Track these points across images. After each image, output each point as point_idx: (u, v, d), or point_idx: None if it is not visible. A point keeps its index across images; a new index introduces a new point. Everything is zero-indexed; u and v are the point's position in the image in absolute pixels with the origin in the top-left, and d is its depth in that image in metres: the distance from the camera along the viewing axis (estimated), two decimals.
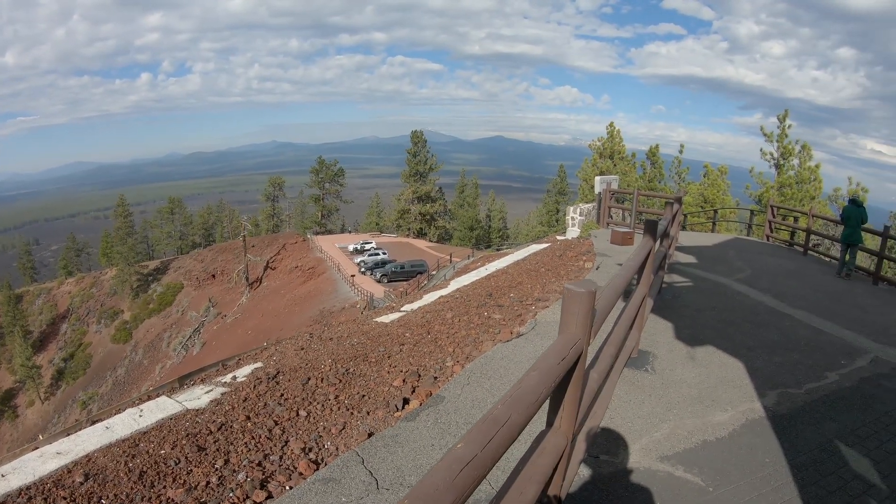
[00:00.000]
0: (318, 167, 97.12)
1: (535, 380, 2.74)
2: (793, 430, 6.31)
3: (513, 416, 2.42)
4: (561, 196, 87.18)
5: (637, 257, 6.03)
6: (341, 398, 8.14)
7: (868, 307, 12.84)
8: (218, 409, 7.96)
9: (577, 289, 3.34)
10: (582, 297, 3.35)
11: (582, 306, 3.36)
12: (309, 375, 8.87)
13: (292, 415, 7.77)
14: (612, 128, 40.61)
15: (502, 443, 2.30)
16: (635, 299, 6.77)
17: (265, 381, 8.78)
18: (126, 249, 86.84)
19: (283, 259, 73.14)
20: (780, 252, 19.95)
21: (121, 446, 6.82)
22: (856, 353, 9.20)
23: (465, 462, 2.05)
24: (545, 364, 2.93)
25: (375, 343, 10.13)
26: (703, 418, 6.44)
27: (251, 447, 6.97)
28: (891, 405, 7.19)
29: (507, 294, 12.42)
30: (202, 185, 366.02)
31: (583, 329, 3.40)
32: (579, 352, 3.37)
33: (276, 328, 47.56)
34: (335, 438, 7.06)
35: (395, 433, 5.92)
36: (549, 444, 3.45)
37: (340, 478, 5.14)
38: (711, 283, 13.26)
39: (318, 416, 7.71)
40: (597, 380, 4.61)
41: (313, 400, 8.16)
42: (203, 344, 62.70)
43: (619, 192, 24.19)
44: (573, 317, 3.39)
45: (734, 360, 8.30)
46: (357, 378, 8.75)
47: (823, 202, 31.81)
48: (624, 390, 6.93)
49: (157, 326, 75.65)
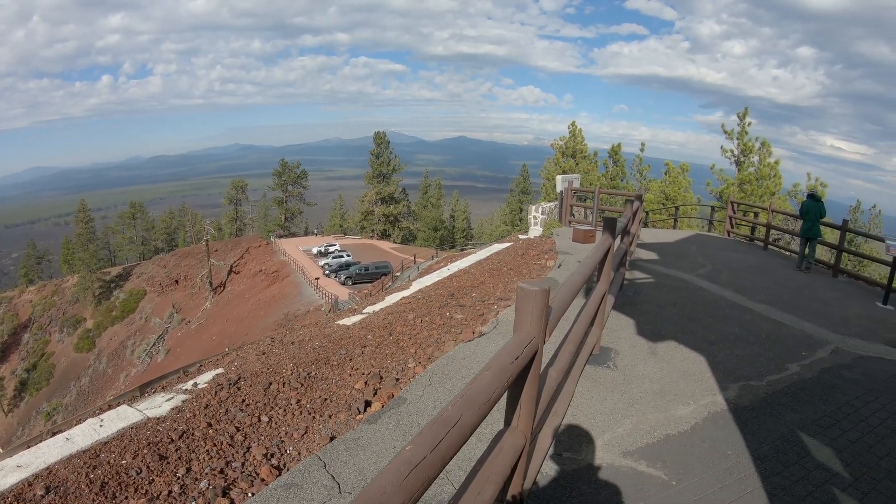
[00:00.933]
0: (281, 169, 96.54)
1: (487, 379, 2.71)
2: (755, 421, 6.37)
3: (464, 416, 2.38)
4: (524, 195, 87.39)
5: (595, 255, 6.02)
6: (303, 402, 8.06)
7: (828, 299, 13.07)
8: (179, 416, 7.82)
9: (531, 287, 3.32)
10: (536, 296, 3.33)
11: (536, 305, 3.34)
12: (270, 380, 8.77)
13: (254, 420, 7.68)
14: (574, 127, 40.92)
15: (453, 444, 2.26)
16: (595, 297, 6.78)
17: (226, 387, 8.66)
18: (88, 256, 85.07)
19: (246, 263, 72.52)
20: (740, 247, 20.20)
21: (82, 457, 6.68)
22: (816, 345, 9.37)
23: (414, 464, 2.01)
24: (498, 363, 2.90)
25: (337, 346, 10.04)
26: (665, 413, 6.47)
27: (213, 454, 6.87)
28: (851, 394, 7.32)
29: (469, 294, 12.40)
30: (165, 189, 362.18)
31: (537, 327, 3.38)
32: (534, 350, 3.34)
33: (241, 333, 47.17)
34: (297, 443, 6.99)
35: (356, 436, 5.86)
36: (507, 443, 3.42)
37: (302, 483, 5.08)
38: (673, 278, 13.37)
39: (280, 421, 7.63)
40: (556, 378, 4.59)
41: (275, 405, 8.07)
42: (167, 351, 61.93)
43: (581, 191, 24.32)
44: (527, 315, 3.38)
45: (696, 355, 8.37)
46: (319, 381, 8.67)
47: (783, 198, 32.23)
48: (586, 387, 6.93)
49: (120, 334, 74.37)
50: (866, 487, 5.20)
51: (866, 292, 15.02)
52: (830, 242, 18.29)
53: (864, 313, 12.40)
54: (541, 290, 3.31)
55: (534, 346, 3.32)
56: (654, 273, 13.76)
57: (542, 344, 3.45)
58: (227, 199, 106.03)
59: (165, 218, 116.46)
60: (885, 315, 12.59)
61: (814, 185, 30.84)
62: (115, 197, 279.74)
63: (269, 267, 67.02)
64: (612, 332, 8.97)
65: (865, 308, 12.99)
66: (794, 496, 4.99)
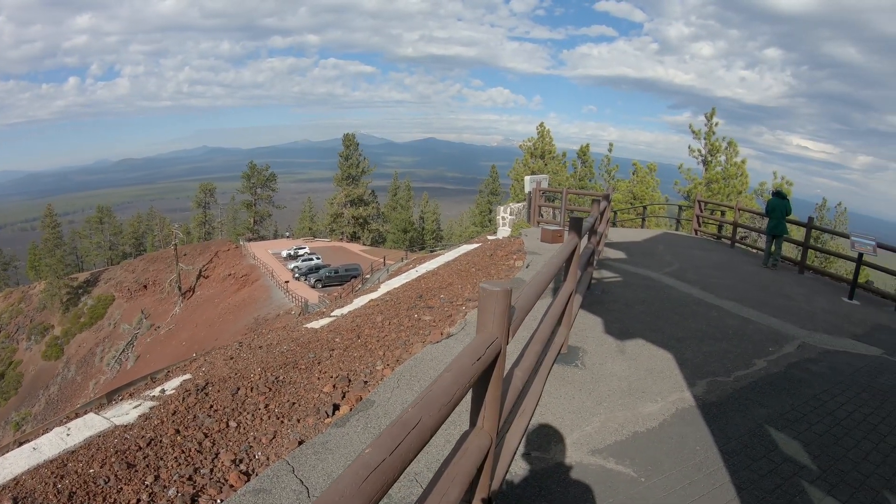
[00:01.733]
0: (250, 172, 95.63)
1: (448, 381, 2.68)
2: (723, 417, 6.41)
3: (423, 418, 2.35)
4: (493, 196, 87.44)
5: (561, 255, 6.01)
6: (271, 407, 7.99)
7: (795, 295, 13.21)
8: (147, 423, 7.74)
9: (493, 288, 3.30)
10: (498, 297, 3.31)
11: (498, 305, 3.32)
12: (238, 385, 8.70)
13: (222, 426, 7.61)
14: (543, 128, 41.11)
15: (412, 447, 2.23)
16: (562, 296, 6.78)
17: (194, 393, 8.58)
18: (55, 262, 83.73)
19: (215, 267, 71.96)
20: (708, 245, 20.37)
21: (49, 467, 6.61)
22: (783, 340, 9.48)
23: (373, 468, 1.98)
24: (459, 365, 2.87)
25: (305, 349, 9.98)
26: (633, 410, 6.49)
27: (181, 461, 6.81)
28: (818, 388, 7.40)
29: (437, 295, 12.37)
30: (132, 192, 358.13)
31: (500, 328, 3.36)
32: (497, 350, 3.32)
33: (211, 338, 46.78)
34: (266, 448, 6.93)
35: (325, 440, 5.81)
36: (473, 444, 3.39)
37: (271, 488, 5.02)
38: (641, 277, 13.43)
39: (249, 427, 7.57)
40: (522, 377, 4.58)
41: (243, 410, 8.00)
42: (137, 357, 61.21)
43: (549, 191, 24.39)
44: (490, 316, 3.35)
45: (664, 352, 8.41)
46: (287, 386, 8.61)
47: (750, 196, 32.60)
48: (554, 386, 6.93)
49: (89, 341, 73.36)
50: (834, 479, 5.26)
51: (832, 288, 15.24)
52: (796, 240, 18.50)
53: (831, 308, 12.56)
54: (503, 290, 3.29)
55: (497, 347, 3.30)
56: (622, 272, 13.81)
57: (505, 344, 3.42)
58: (195, 203, 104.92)
59: (133, 222, 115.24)
60: (850, 310, 12.76)
61: (780, 183, 31.18)
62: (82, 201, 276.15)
63: (239, 271, 66.55)
64: (580, 332, 8.98)
65: (831, 303, 13.17)
66: (763, 490, 5.02)
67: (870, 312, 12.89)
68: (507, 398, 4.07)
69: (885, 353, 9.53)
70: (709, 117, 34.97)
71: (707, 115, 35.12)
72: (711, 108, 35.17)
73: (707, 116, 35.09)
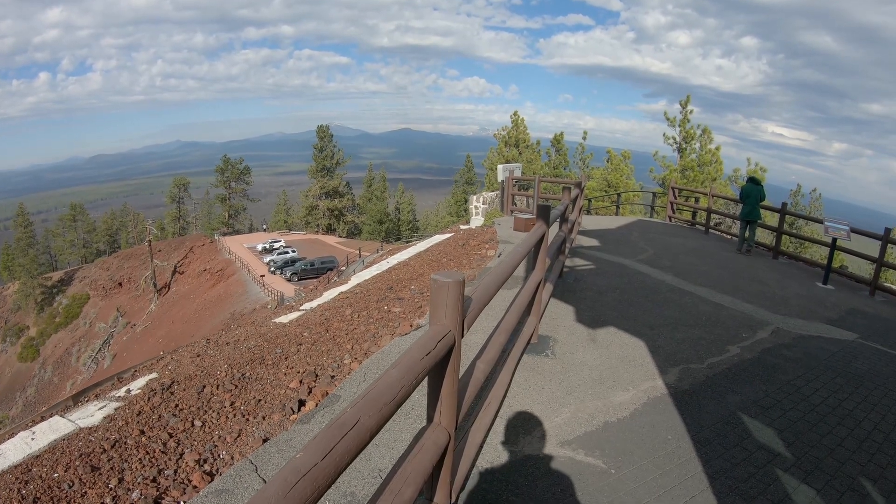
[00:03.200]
0: (224, 166, 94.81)
1: (393, 378, 2.52)
2: (695, 405, 6.32)
3: (363, 419, 2.19)
4: (469, 186, 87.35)
5: (526, 244, 5.87)
6: (237, 404, 7.82)
7: (768, 281, 13.22)
8: (111, 425, 7.55)
9: (444, 279, 3.16)
10: (450, 288, 3.17)
11: (451, 296, 3.18)
12: (204, 383, 8.51)
13: (187, 426, 7.43)
14: (517, 117, 41.11)
15: (349, 449, 2.07)
16: (529, 285, 6.65)
17: (159, 393, 8.38)
18: (28, 261, 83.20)
19: (190, 263, 71.31)
20: (682, 232, 20.38)
21: (13, 472, 6.45)
22: (757, 326, 9.45)
23: (303, 473, 1.83)
24: (407, 360, 2.71)
25: (273, 344, 9.80)
26: (604, 399, 6.36)
27: (146, 463, 6.65)
28: (792, 374, 7.35)
29: (407, 286, 12.23)
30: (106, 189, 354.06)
31: (453, 320, 3.22)
32: (450, 343, 3.17)
33: (188, 334, 46.36)
34: (230, 447, 6.77)
35: (289, 437, 5.67)
36: (429, 440, 3.24)
37: (233, 488, 4.86)
38: (614, 264, 13.34)
39: (214, 425, 7.40)
40: (484, 370, 4.43)
41: (209, 408, 7.83)
42: (114, 356, 60.42)
43: (523, 180, 24.30)
44: (442, 308, 3.22)
45: (636, 340, 8.31)
46: (253, 382, 8.43)
47: (724, 183, 32.77)
48: (523, 377, 6.79)
49: (65, 341, 72.47)
50: (809, 466, 5.18)
51: (806, 273, 15.29)
52: (770, 225, 18.54)
53: (805, 293, 12.60)
54: (454, 281, 3.16)
55: (450, 340, 3.15)
56: (595, 259, 13.72)
57: (459, 336, 3.28)
58: (169, 198, 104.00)
59: (107, 219, 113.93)
60: (824, 295, 12.79)
61: (754, 169, 31.32)
62: (54, 199, 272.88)
63: (214, 266, 66.03)
64: (551, 320, 8.86)
65: (805, 288, 13.22)
66: (736, 479, 4.93)
67: (844, 297, 12.94)
68: (467, 392, 3.93)
69: (859, 337, 9.55)
70: (683, 105, 35.01)
71: (682, 103, 35.17)
72: (686, 96, 35.23)
73: (682, 104, 35.13)
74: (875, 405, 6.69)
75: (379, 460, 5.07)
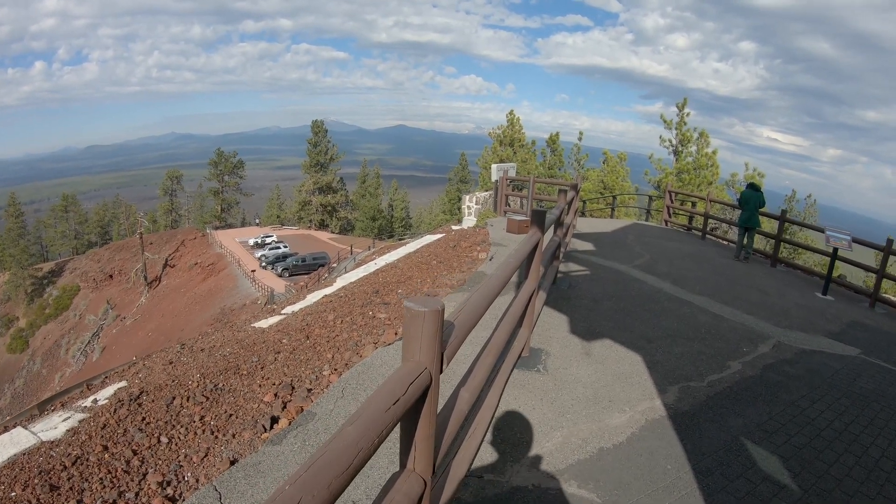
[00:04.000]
0: (217, 159, 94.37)
1: (349, 439, 2.00)
2: (696, 429, 5.91)
3: (305, 499, 1.71)
4: (463, 184, 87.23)
5: (519, 253, 5.45)
6: (207, 419, 7.34)
7: (768, 289, 12.99)
8: (74, 439, 7.06)
9: (419, 307, 2.66)
10: (425, 319, 2.68)
11: (426, 329, 2.69)
12: (174, 394, 8.02)
13: (153, 442, 6.95)
14: (513, 116, 40.87)
15: None
16: (522, 296, 6.22)
17: (127, 404, 7.89)
18: (19, 252, 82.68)
19: (182, 256, 70.91)
20: (678, 237, 20.05)
21: None
22: (758, 339, 9.12)
23: None
24: (369, 414, 2.19)
25: (249, 352, 9.29)
26: (599, 422, 5.94)
27: (106, 483, 6.19)
28: (796, 394, 6.99)
29: (394, 290, 11.78)
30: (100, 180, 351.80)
31: (429, 356, 2.74)
32: (426, 383, 2.70)
33: (177, 329, 45.99)
34: (196, 468, 6.31)
35: (258, 460, 5.25)
36: (400, 491, 2.76)
37: None
38: (610, 270, 12.93)
39: (181, 442, 6.92)
40: (469, 399, 3.95)
41: (177, 423, 7.34)
42: (103, 349, 59.98)
43: (517, 180, 23.97)
44: (416, 342, 2.72)
45: (633, 354, 7.89)
46: (226, 394, 7.94)
47: (721, 187, 32.58)
48: (513, 395, 6.35)
49: (54, 333, 71.94)
50: (817, 501, 4.77)
51: (805, 282, 15.07)
52: (768, 232, 18.30)
53: (805, 303, 12.32)
54: (431, 310, 2.66)
55: (425, 379, 2.68)
56: (591, 265, 13.30)
57: (437, 373, 2.81)
58: (162, 191, 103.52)
59: (99, 210, 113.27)
60: (824, 306, 12.52)
61: (752, 174, 31.10)
62: (48, 189, 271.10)
63: (205, 259, 65.62)
64: (543, 331, 8.44)
65: (805, 298, 12.96)
66: None
67: (844, 308, 12.65)
68: (448, 427, 3.47)
69: (862, 352, 9.22)
70: (680, 107, 34.76)
71: (678, 105, 34.92)
72: (683, 98, 34.98)
73: (679, 106, 34.89)
74: (882, 429, 6.33)
75: (350, 490, 4.64)
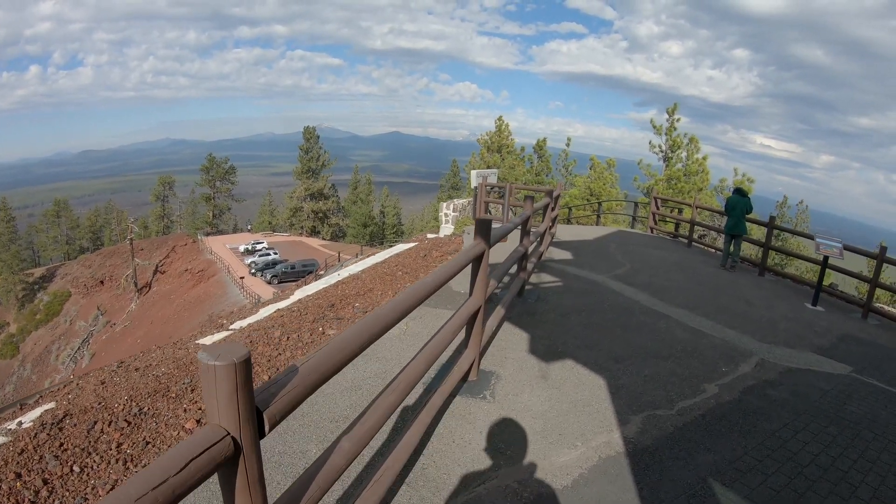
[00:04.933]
0: (209, 165, 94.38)
1: None
2: (657, 468, 5.13)
3: None
4: (454, 191, 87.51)
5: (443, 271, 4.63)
6: (124, 447, 6.62)
7: (753, 300, 12.39)
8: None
9: (209, 360, 1.91)
10: (217, 375, 1.91)
11: (222, 387, 1.92)
12: (97, 418, 7.29)
13: (66, 471, 6.25)
14: (501, 122, 40.85)
15: None
16: (462, 314, 5.47)
17: (48, 428, 7.17)
18: (10, 257, 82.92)
19: (172, 262, 70.72)
20: (663, 244, 19.44)
21: None
22: (739, 357, 8.39)
23: None
24: None
25: (184, 372, 8.54)
26: (544, 460, 5.17)
27: None
28: (777, 422, 6.25)
29: (351, 304, 11.05)
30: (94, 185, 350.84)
31: (231, 418, 1.98)
32: (223, 454, 1.92)
33: (166, 335, 45.40)
34: None
35: None
36: None
37: None
38: (584, 281, 12.20)
39: (92, 472, 6.22)
40: (352, 451, 3.14)
41: (94, 450, 6.62)
42: (92, 355, 59.73)
43: (497, 186, 23.41)
44: (212, 401, 1.96)
45: (595, 377, 7.12)
46: (149, 419, 7.21)
47: (710, 193, 32.12)
48: (449, 428, 5.58)
49: (44, 338, 71.67)
50: None
51: (794, 292, 14.45)
52: (756, 240, 17.72)
53: (793, 315, 11.66)
54: (226, 364, 1.88)
55: (221, 450, 1.90)
56: (564, 275, 12.57)
57: (251, 438, 2.02)
58: (153, 196, 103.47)
59: (91, 216, 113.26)
60: (814, 317, 11.85)
61: (741, 179, 30.52)
62: (42, 194, 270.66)
63: (196, 266, 65.44)
64: (498, 351, 7.67)
65: (794, 309, 12.30)
66: None
67: (835, 320, 12.00)
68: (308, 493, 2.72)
69: (853, 370, 8.53)
70: (670, 112, 34.35)
71: (669, 111, 34.52)
72: (673, 104, 34.58)
73: (669, 112, 34.48)
74: (873, 462, 5.62)
75: None
